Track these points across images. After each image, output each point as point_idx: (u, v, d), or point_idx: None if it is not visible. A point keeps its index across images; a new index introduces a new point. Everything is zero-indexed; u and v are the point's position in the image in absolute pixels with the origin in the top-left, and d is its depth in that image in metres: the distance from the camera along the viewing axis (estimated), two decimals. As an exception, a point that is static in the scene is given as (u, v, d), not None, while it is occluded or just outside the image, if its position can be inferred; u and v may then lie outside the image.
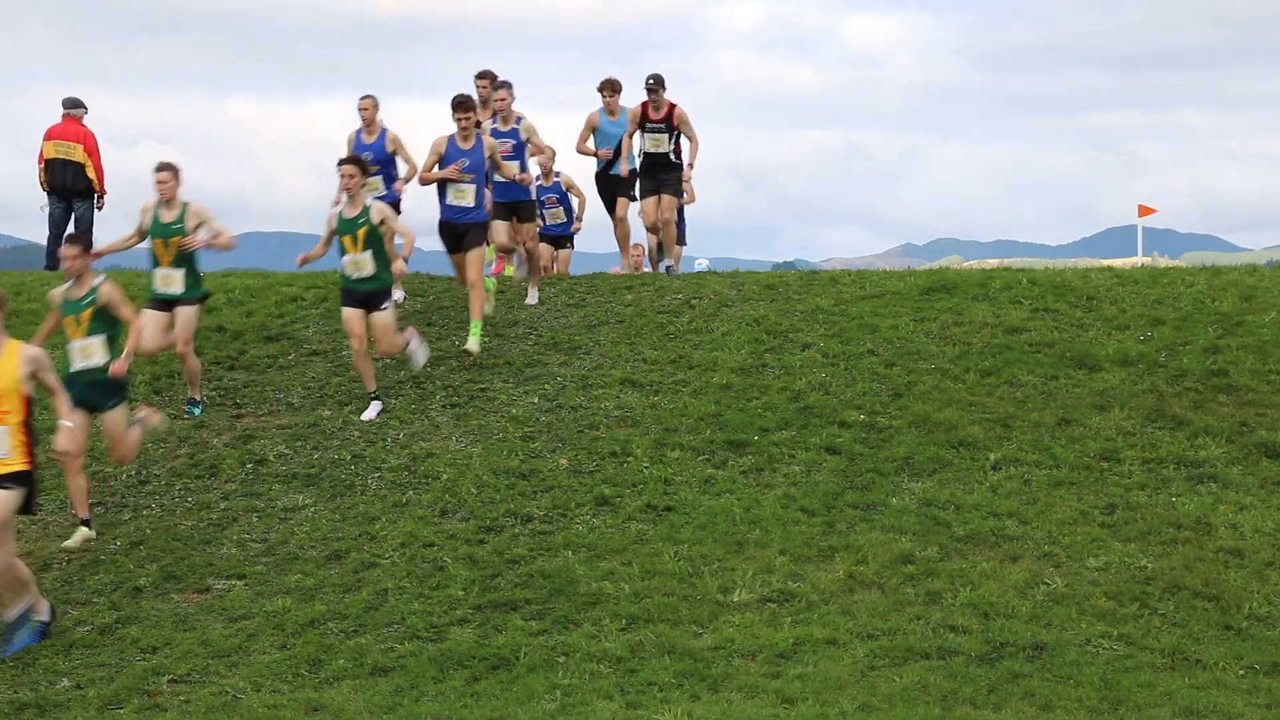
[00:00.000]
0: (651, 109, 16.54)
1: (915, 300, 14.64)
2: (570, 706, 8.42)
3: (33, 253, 36.55)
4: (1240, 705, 8.31)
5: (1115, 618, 9.47)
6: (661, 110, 16.47)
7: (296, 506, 11.47)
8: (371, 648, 9.36)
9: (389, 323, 13.03)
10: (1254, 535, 10.47)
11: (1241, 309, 13.97)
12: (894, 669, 8.83)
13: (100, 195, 18.06)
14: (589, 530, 10.77)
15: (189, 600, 10.23)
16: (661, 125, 16.52)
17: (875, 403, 12.53)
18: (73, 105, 18.03)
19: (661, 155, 16.53)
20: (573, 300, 15.33)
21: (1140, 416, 12.14)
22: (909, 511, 10.83)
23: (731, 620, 9.48)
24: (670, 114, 16.47)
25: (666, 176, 16.67)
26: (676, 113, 16.48)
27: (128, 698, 8.93)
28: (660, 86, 16.49)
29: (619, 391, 12.98)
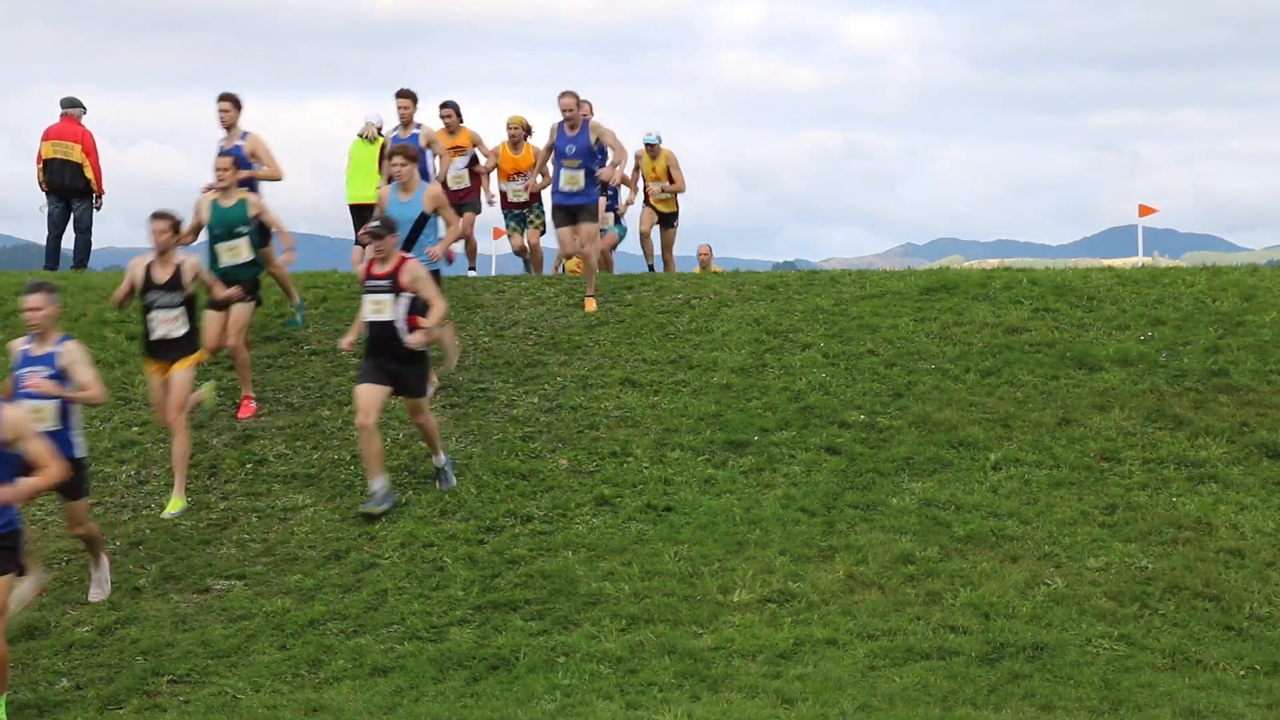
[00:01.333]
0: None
1: (915, 300, 14.64)
2: (570, 706, 8.42)
3: (33, 253, 36.57)
4: (1240, 705, 8.31)
5: (1115, 618, 9.46)
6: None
7: (296, 506, 11.47)
8: (371, 648, 9.35)
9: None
10: (1254, 535, 10.47)
11: (1242, 309, 13.97)
12: (894, 669, 8.82)
13: (99, 195, 18.04)
14: (589, 530, 10.77)
15: (189, 600, 10.23)
16: None
17: (875, 403, 12.52)
18: (71, 105, 18.02)
19: None
20: (573, 300, 15.33)
21: (1140, 416, 12.14)
22: (909, 511, 10.82)
23: (731, 620, 9.48)
24: None
25: None
26: None
27: (128, 698, 8.92)
28: None
29: (619, 391, 12.98)
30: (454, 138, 16.76)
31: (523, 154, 17.06)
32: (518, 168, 17.07)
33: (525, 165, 16.89)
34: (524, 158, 17.01)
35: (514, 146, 17.08)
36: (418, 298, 11.17)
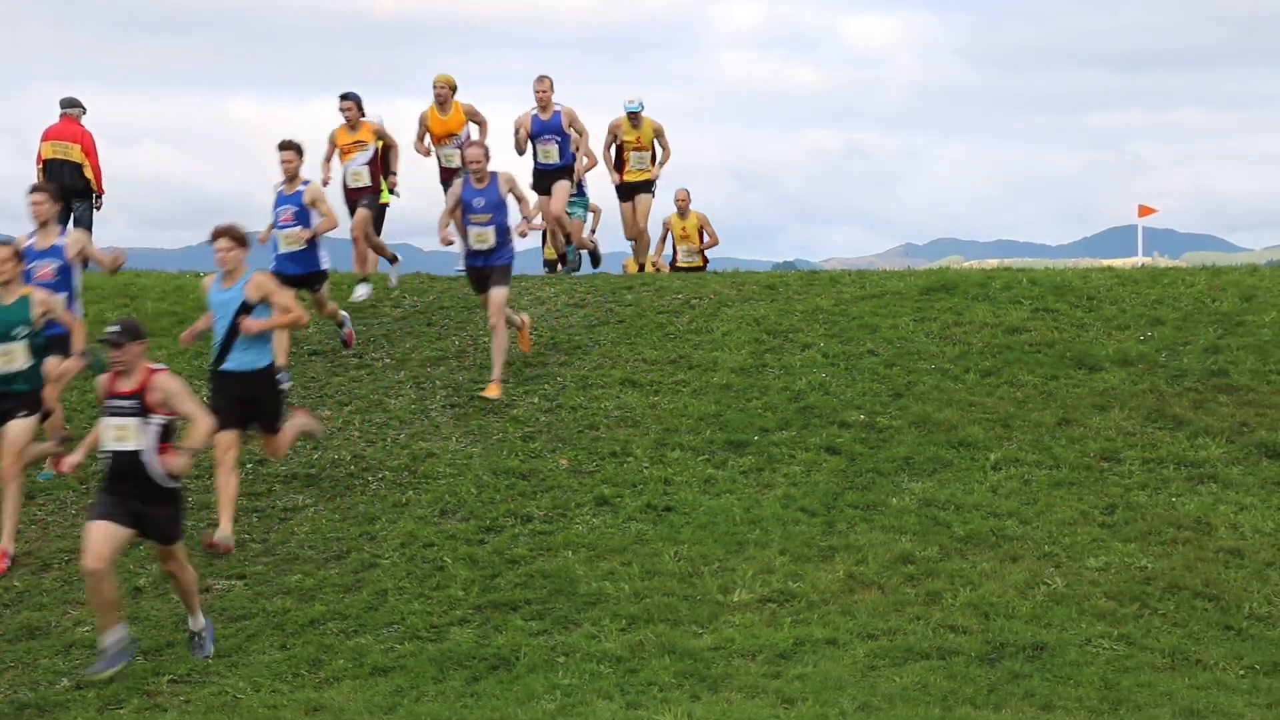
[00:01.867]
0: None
1: (915, 300, 14.64)
2: (570, 706, 8.42)
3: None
4: (1240, 705, 8.31)
5: (1115, 618, 9.46)
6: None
7: (296, 506, 11.47)
8: (371, 648, 9.35)
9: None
10: (1254, 535, 10.47)
11: (1241, 309, 13.97)
12: (894, 669, 8.82)
13: (99, 195, 18.04)
14: (589, 530, 10.77)
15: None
16: None
17: (875, 403, 12.53)
18: (70, 105, 18.02)
19: None
20: (573, 300, 15.33)
21: (1140, 416, 12.14)
22: (909, 511, 10.83)
23: (731, 620, 9.48)
24: None
25: None
26: None
27: (128, 698, 8.92)
28: None
29: (619, 391, 12.98)
30: (354, 133, 15.66)
31: (451, 114, 16.49)
32: (448, 129, 16.52)
33: (456, 127, 16.44)
34: (453, 118, 16.50)
35: (441, 107, 16.48)
36: (172, 420, 9.22)
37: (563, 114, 16.28)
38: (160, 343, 14.43)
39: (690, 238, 18.72)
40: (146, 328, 9.81)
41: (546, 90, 16.26)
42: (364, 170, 15.64)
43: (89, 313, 14.70)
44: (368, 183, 15.65)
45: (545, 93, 16.28)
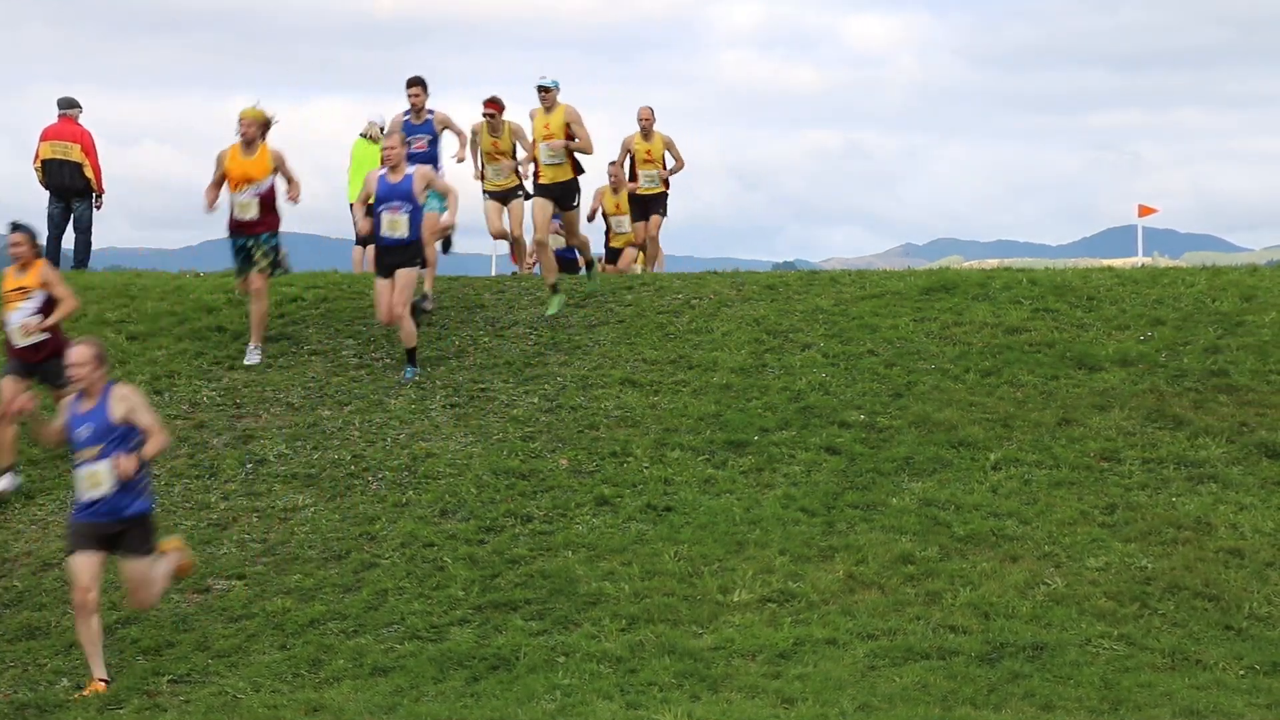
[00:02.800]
0: None
1: (915, 300, 14.64)
2: (570, 706, 8.42)
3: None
4: (1240, 705, 8.31)
5: (1115, 618, 9.47)
6: None
7: (296, 506, 11.47)
8: (371, 648, 9.36)
9: None
10: (1254, 535, 10.47)
11: (1241, 309, 13.97)
12: (894, 669, 8.82)
13: (99, 194, 18.04)
14: (589, 530, 10.77)
15: (189, 600, 10.23)
16: None
17: (875, 403, 12.52)
18: (68, 105, 18.02)
19: None
20: (573, 300, 15.32)
21: (1140, 416, 12.14)
22: (909, 511, 10.82)
23: (731, 620, 9.48)
24: None
25: None
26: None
27: (128, 698, 8.93)
28: None
29: (619, 391, 12.98)
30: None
31: (255, 157, 13.71)
32: (248, 175, 13.74)
33: (258, 173, 13.66)
34: (257, 162, 13.71)
35: (246, 148, 13.80)
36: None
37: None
38: (160, 342, 14.44)
39: (654, 160, 17.68)
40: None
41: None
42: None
43: (88, 313, 14.72)
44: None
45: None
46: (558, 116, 14.55)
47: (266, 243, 13.86)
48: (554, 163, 14.63)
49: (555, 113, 14.56)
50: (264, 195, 13.73)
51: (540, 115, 14.63)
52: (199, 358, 14.06)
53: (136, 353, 14.18)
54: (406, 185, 13.43)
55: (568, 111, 14.53)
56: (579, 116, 14.60)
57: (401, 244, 13.45)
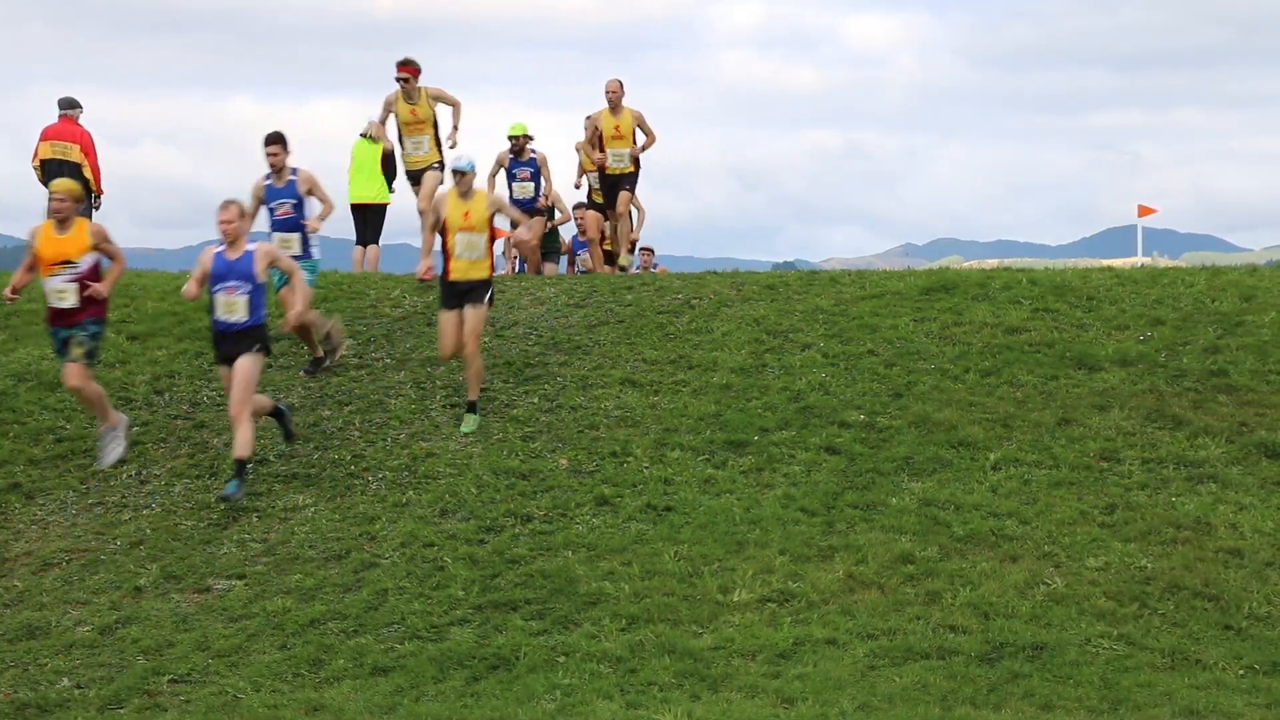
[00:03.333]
0: None
1: (915, 300, 14.64)
2: (570, 706, 8.42)
3: (32, 253, 36.43)
4: (1240, 705, 8.31)
5: (1115, 618, 9.47)
6: None
7: (296, 506, 11.47)
8: (371, 648, 9.36)
9: None
10: (1254, 535, 10.47)
11: (1241, 309, 13.97)
12: (894, 669, 8.83)
13: (99, 195, 18.05)
14: (589, 530, 10.77)
15: (189, 600, 10.23)
16: None
17: (875, 403, 12.53)
18: (68, 105, 18.02)
19: None
20: (573, 300, 15.33)
21: (1140, 416, 12.14)
22: (909, 511, 10.83)
23: (731, 620, 9.48)
24: None
25: None
26: None
27: (128, 698, 8.93)
28: None
29: (619, 391, 12.98)
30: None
31: (71, 234, 12.06)
32: (64, 255, 12.02)
33: (74, 252, 11.96)
34: (73, 240, 12.04)
35: (60, 226, 12.05)
36: None
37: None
38: (161, 342, 14.45)
39: (624, 137, 16.81)
40: None
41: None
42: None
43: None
44: None
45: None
46: (479, 204, 12.46)
47: (88, 331, 12.14)
48: (471, 257, 12.45)
49: (476, 199, 12.46)
50: (83, 276, 12.03)
51: (455, 202, 12.44)
52: (199, 358, 14.07)
53: (137, 353, 14.18)
54: (246, 263, 11.76)
55: (491, 201, 12.69)
56: (503, 202, 13.08)
57: (241, 330, 11.74)
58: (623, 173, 17.08)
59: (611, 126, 16.77)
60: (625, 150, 16.95)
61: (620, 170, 17.07)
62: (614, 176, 17.14)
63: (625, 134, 16.82)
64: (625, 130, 16.81)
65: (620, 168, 17.02)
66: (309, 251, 13.53)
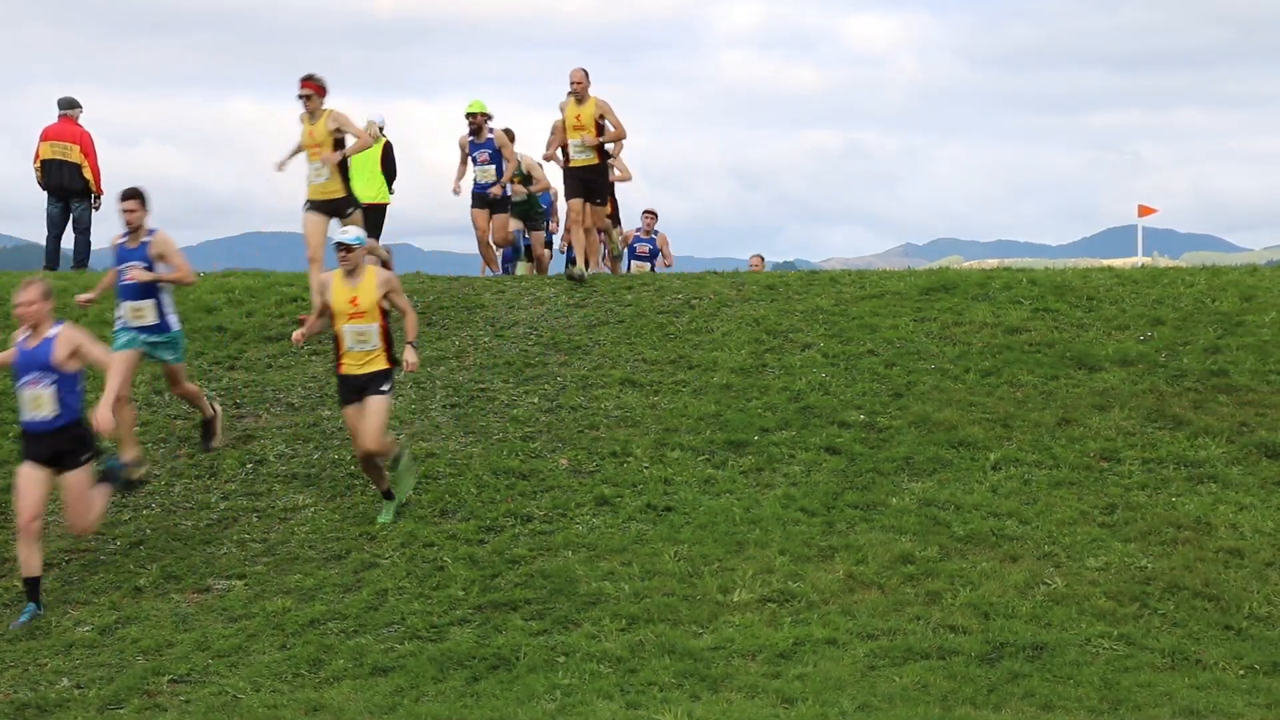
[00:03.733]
0: None
1: (915, 300, 14.64)
2: (570, 706, 8.42)
3: (32, 253, 36.58)
4: (1240, 705, 8.31)
5: (1115, 618, 9.47)
6: None
7: (296, 506, 11.47)
8: (371, 648, 9.36)
9: None
10: (1254, 535, 10.47)
11: (1241, 309, 13.97)
12: (894, 669, 8.82)
13: (98, 195, 18.05)
14: (589, 530, 10.77)
15: (189, 600, 10.23)
16: None
17: (875, 403, 12.53)
18: (68, 105, 18.03)
19: None
20: (573, 300, 15.33)
21: (1140, 416, 12.14)
22: (909, 511, 10.83)
23: (731, 620, 9.48)
24: None
25: None
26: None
27: (128, 698, 8.93)
28: None
29: (619, 391, 12.98)
30: None
31: None
32: None
33: None
34: None
35: None
36: None
37: None
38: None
39: (584, 127, 15.93)
40: None
41: None
42: None
43: (89, 312, 14.70)
44: None
45: None
46: (368, 285, 11.11)
47: None
48: (363, 348, 11.15)
49: (366, 279, 11.12)
50: None
51: (341, 286, 11.19)
52: (199, 358, 14.07)
53: (136, 353, 14.17)
54: (44, 352, 10.08)
55: (383, 281, 11.18)
56: (396, 284, 11.30)
57: (51, 428, 10.09)
58: (587, 165, 16.00)
59: (573, 116, 15.89)
60: (584, 138, 15.98)
61: (585, 163, 16.01)
62: (579, 170, 16.03)
63: (586, 124, 15.88)
64: (586, 121, 15.87)
65: (584, 159, 15.99)
66: (166, 322, 11.57)
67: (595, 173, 16.13)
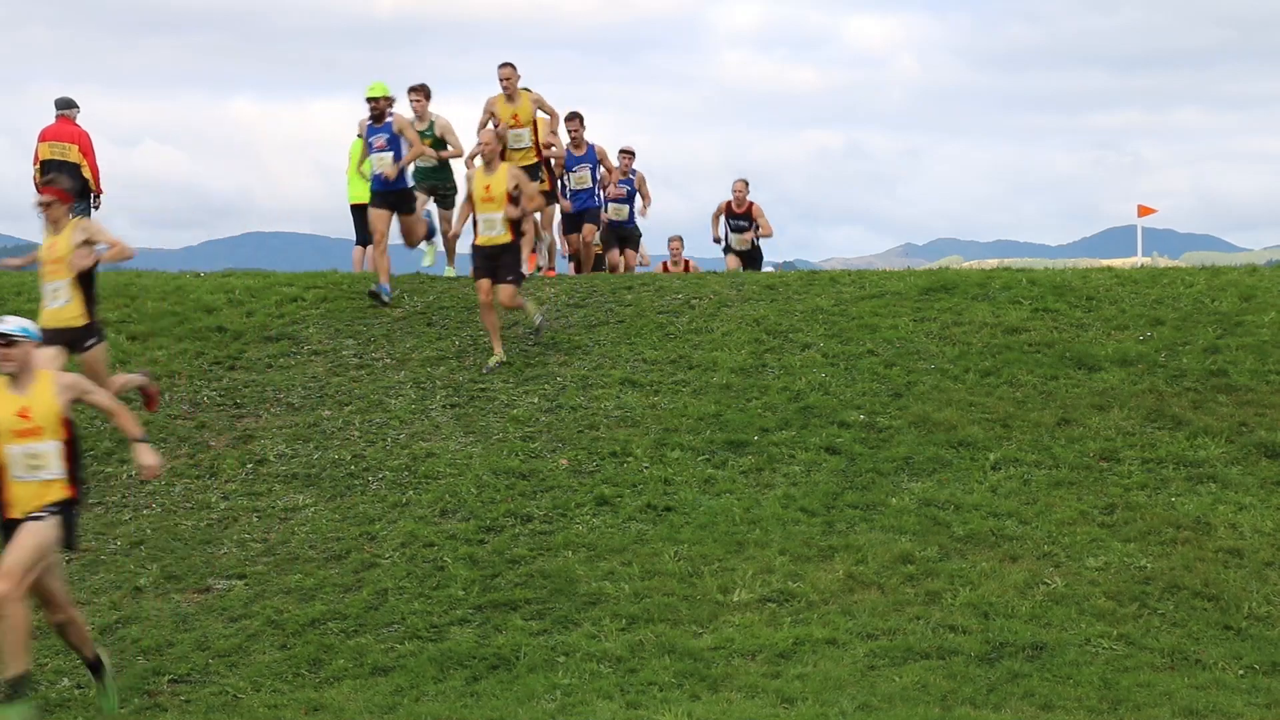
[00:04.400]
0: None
1: (915, 300, 14.64)
2: (570, 706, 8.43)
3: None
4: (1240, 705, 8.32)
5: (1115, 618, 9.47)
6: None
7: (296, 506, 11.47)
8: (371, 648, 9.36)
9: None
10: (1253, 535, 10.47)
11: (1241, 309, 13.97)
12: (894, 669, 8.83)
13: (97, 195, 18.04)
14: (589, 530, 10.77)
15: (189, 600, 10.23)
16: None
17: (875, 403, 12.53)
18: (66, 105, 18.01)
19: None
20: (573, 300, 15.33)
21: (1140, 416, 12.14)
22: (909, 511, 10.83)
23: (731, 620, 9.48)
24: None
25: None
26: None
27: (128, 698, 8.93)
28: None
29: (619, 391, 12.98)
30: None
31: None
32: None
33: None
34: None
35: None
36: None
37: None
38: (160, 342, 14.45)
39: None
40: None
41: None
42: None
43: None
44: None
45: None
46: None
47: None
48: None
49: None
50: None
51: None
52: (199, 358, 14.07)
53: (137, 353, 14.18)
54: None
55: (65, 385, 8.66)
56: (83, 384, 8.79)
57: None
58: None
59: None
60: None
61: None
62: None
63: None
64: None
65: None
66: None
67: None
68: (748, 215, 18.58)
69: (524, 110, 15.71)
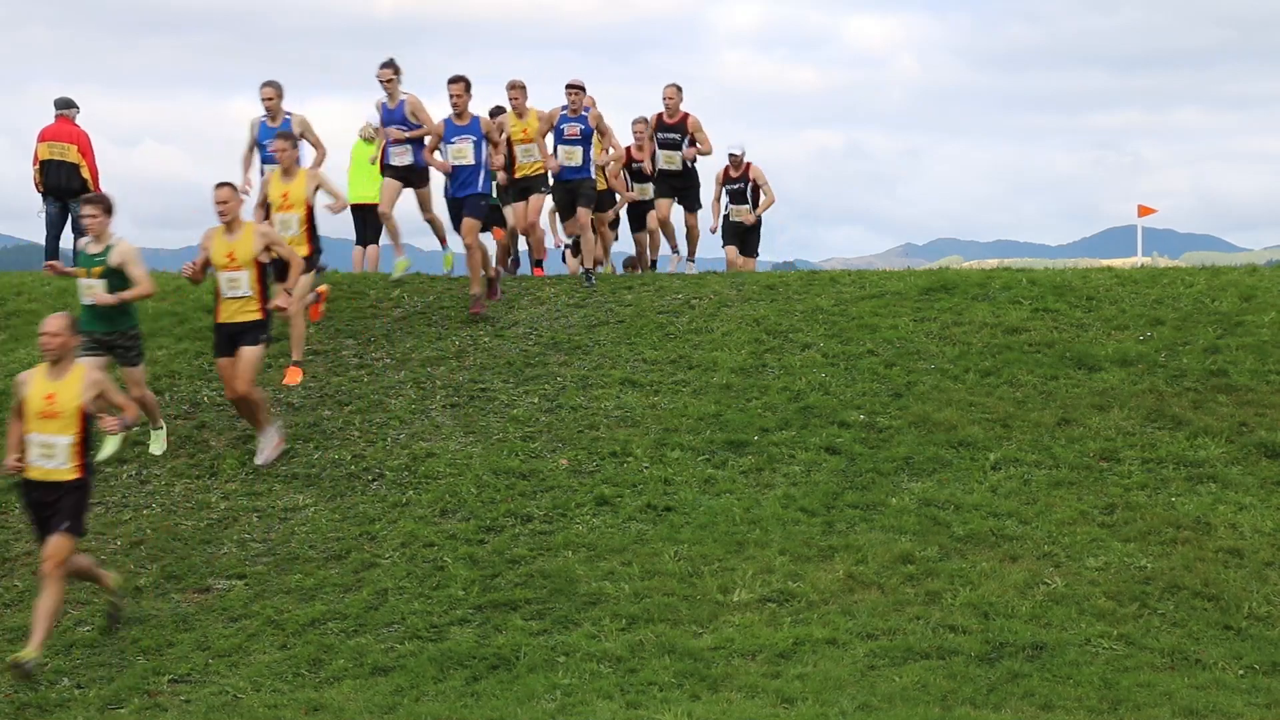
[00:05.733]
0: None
1: (915, 300, 14.65)
2: (570, 706, 8.43)
3: (33, 253, 36.55)
4: (1240, 705, 8.32)
5: (1115, 618, 9.47)
6: None
7: (296, 506, 11.47)
8: (371, 648, 9.36)
9: None
10: (1253, 535, 10.47)
11: (1241, 309, 13.98)
12: (894, 669, 8.83)
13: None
14: (589, 530, 10.78)
15: (189, 600, 10.24)
16: None
17: (875, 403, 12.53)
18: (65, 105, 18.01)
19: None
20: (573, 300, 15.33)
21: (1140, 416, 12.14)
22: (909, 511, 10.83)
23: (731, 620, 9.49)
24: None
25: None
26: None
27: (128, 698, 8.94)
28: None
29: (619, 391, 12.99)
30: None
31: None
32: None
33: None
34: None
35: None
36: None
37: None
38: (161, 342, 14.45)
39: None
40: None
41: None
42: None
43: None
44: None
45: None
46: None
47: None
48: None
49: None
50: None
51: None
52: (199, 358, 14.08)
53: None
54: None
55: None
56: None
57: None
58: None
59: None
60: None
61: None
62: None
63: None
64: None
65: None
66: None
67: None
68: (680, 127, 17.53)
69: (531, 126, 15.91)
